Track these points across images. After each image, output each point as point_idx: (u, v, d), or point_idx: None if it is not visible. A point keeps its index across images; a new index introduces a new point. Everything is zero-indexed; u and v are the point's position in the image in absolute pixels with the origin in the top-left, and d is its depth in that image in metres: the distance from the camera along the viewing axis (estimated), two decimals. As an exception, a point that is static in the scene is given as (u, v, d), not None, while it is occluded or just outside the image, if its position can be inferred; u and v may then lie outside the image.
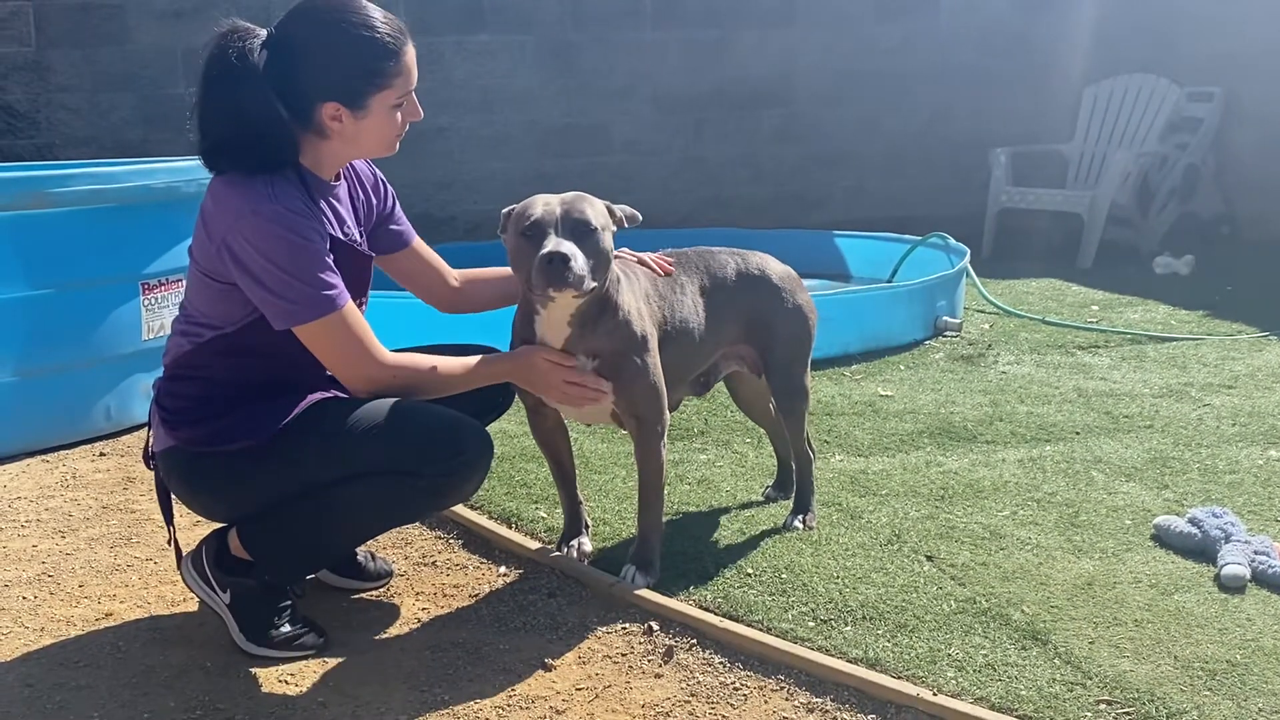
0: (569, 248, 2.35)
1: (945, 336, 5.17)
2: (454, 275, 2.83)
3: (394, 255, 2.73)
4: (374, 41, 2.33)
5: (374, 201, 2.64)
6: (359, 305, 2.45)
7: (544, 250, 2.35)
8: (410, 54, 2.39)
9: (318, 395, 2.42)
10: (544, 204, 2.44)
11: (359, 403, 2.37)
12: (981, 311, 5.70)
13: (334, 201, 2.46)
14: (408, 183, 7.31)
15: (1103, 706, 2.17)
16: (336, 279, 2.32)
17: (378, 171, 2.68)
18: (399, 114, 2.41)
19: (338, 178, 2.49)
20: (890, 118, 8.35)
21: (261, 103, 2.29)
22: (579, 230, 2.40)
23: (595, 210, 2.46)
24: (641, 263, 2.75)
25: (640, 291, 2.64)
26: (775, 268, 2.96)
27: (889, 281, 5.85)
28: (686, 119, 7.97)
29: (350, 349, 2.35)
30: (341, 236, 2.43)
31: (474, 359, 2.53)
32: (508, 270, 2.65)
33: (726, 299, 2.84)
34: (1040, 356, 4.85)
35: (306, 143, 2.38)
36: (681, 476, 3.38)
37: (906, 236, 6.41)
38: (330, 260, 2.32)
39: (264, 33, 2.33)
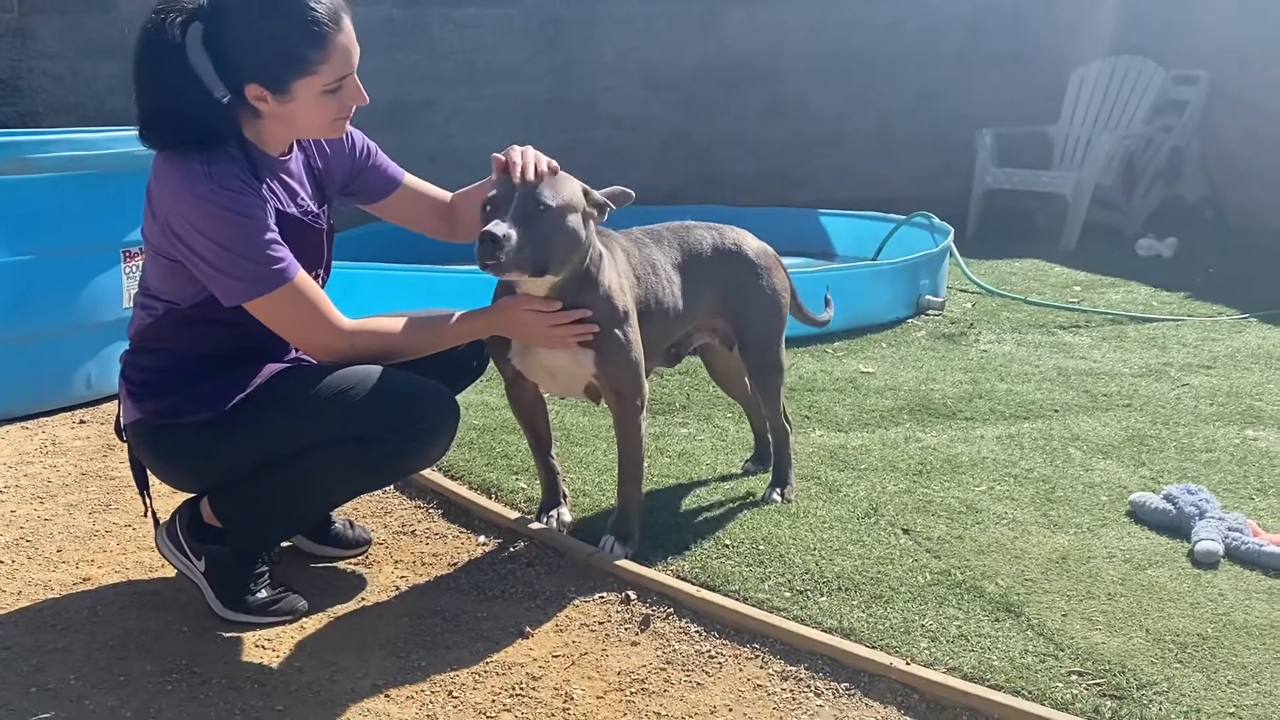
0: (503, 229, 2.30)
1: (928, 315, 5.18)
2: (444, 198, 2.77)
3: (389, 200, 2.69)
4: (300, 26, 2.23)
5: (335, 163, 2.57)
6: (316, 279, 2.43)
7: (483, 228, 2.33)
8: (341, 40, 2.27)
9: (280, 365, 2.41)
10: (507, 182, 2.39)
11: (322, 371, 2.35)
12: (964, 291, 5.71)
13: (284, 176, 2.40)
14: (393, 155, 7.26)
15: (1074, 677, 2.20)
16: (283, 251, 2.28)
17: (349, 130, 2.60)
18: (334, 100, 2.32)
19: (290, 149, 2.44)
20: (878, 97, 8.34)
21: (184, 78, 2.23)
22: (531, 210, 2.35)
23: (557, 190, 2.40)
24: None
25: (621, 267, 2.64)
26: (751, 244, 2.97)
27: (873, 260, 5.86)
28: (674, 95, 7.94)
29: (305, 320, 2.32)
30: (293, 211, 2.39)
31: (446, 314, 2.49)
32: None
33: (702, 274, 2.85)
34: (1021, 336, 4.88)
35: (245, 119, 2.32)
36: (662, 450, 3.39)
37: (892, 215, 6.42)
38: (275, 233, 2.28)
39: (198, 2, 2.26)
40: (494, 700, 2.18)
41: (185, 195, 2.22)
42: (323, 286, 2.47)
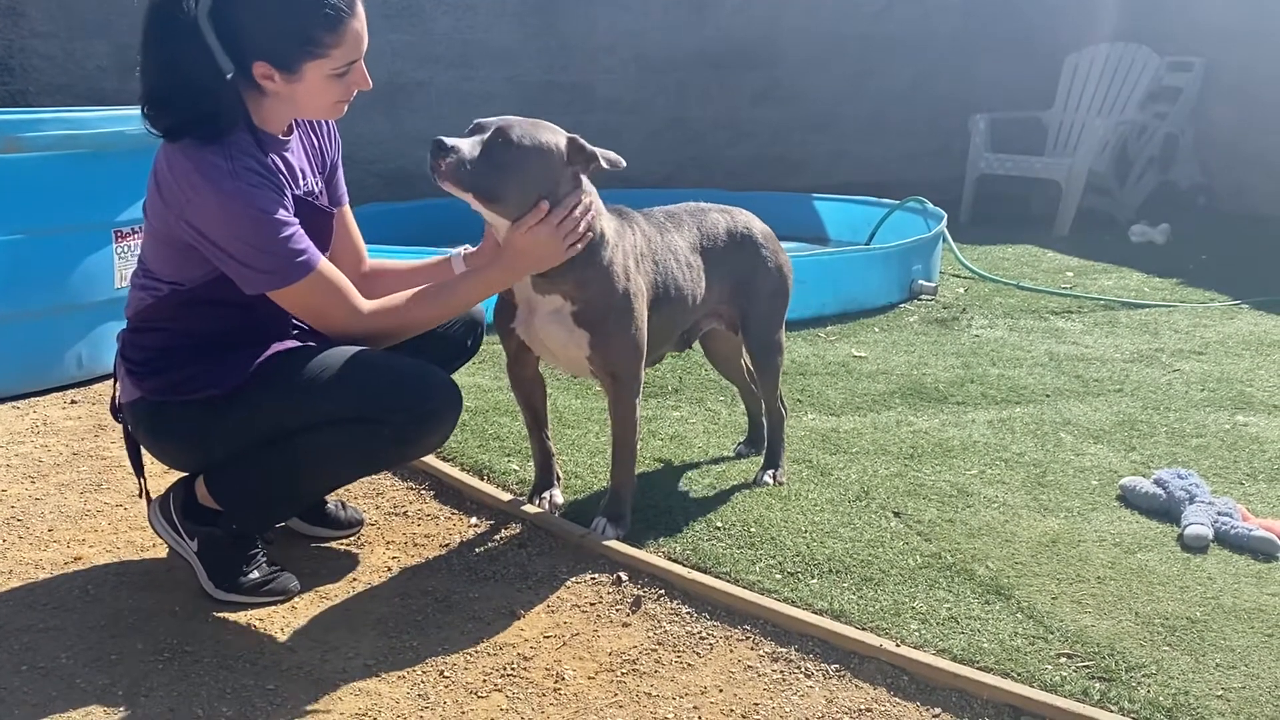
0: (458, 141, 2.32)
1: (920, 300, 5.19)
2: (366, 262, 2.70)
3: None
4: (316, 8, 2.22)
5: (327, 145, 2.56)
6: None
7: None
8: (355, 25, 2.28)
9: (282, 344, 2.40)
10: (499, 117, 2.40)
11: (325, 351, 2.35)
12: (957, 276, 5.72)
13: (287, 155, 2.39)
14: (386, 136, 7.29)
15: (1063, 660, 2.21)
16: (305, 241, 2.28)
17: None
18: (340, 83, 2.32)
19: (289, 130, 2.42)
20: (873, 82, 8.33)
21: (196, 53, 2.21)
22: (496, 141, 2.35)
23: (532, 134, 2.38)
24: None
25: (632, 250, 2.62)
26: (759, 226, 2.98)
27: (866, 245, 5.86)
28: (669, 79, 7.92)
29: (327, 305, 2.33)
30: (299, 193, 2.38)
31: (456, 280, 2.46)
32: (418, 264, 2.64)
33: (717, 258, 2.85)
34: (1013, 321, 4.88)
35: (250, 98, 2.30)
36: (654, 432, 3.39)
37: (885, 200, 6.42)
38: (297, 224, 2.28)
39: None
40: (485, 680, 2.19)
41: (207, 192, 2.20)
42: None
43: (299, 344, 2.42)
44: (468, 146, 2.33)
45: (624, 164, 2.49)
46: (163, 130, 2.26)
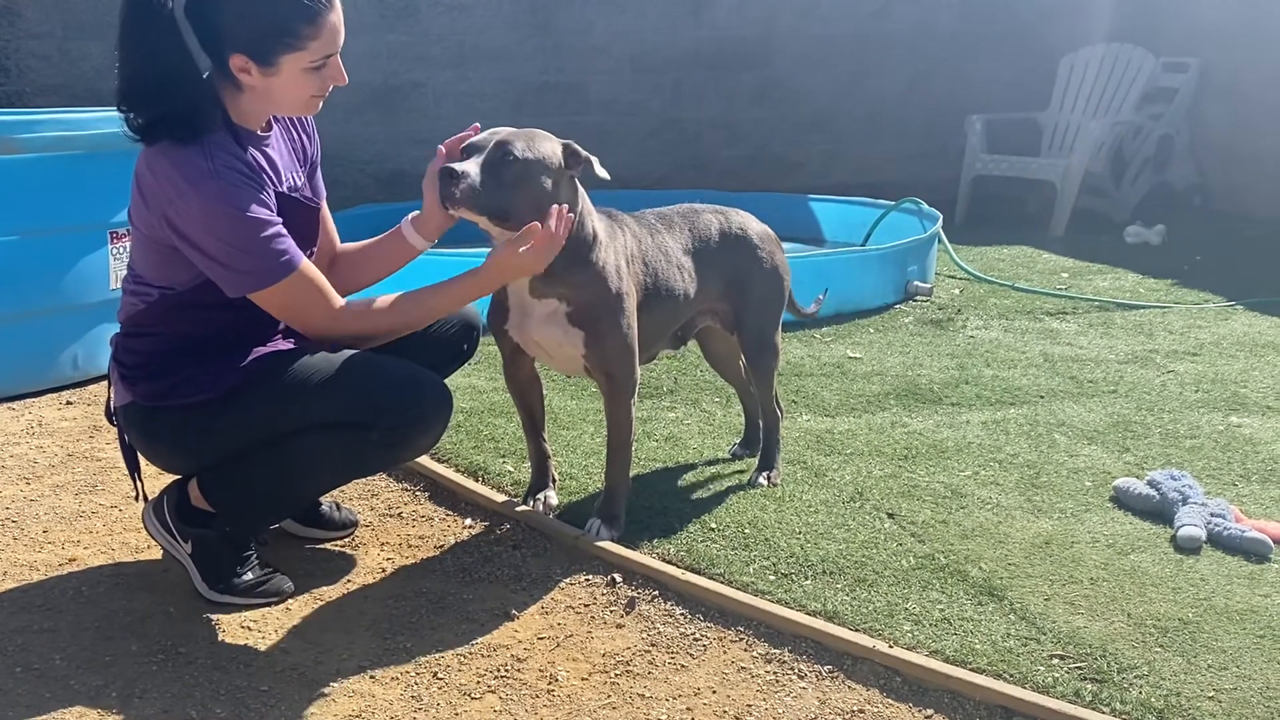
0: (464, 166, 2.35)
1: (916, 301, 5.20)
2: (339, 250, 2.69)
3: None
4: (295, 1, 2.22)
5: (308, 142, 2.56)
6: (308, 255, 2.43)
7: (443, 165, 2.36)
8: (332, 18, 2.27)
9: (274, 347, 2.40)
10: (490, 133, 2.44)
11: (317, 355, 2.35)
12: (952, 277, 5.72)
13: (267, 150, 2.39)
14: (382, 137, 7.29)
15: (1055, 661, 2.21)
16: (287, 241, 2.28)
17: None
18: (316, 77, 2.31)
19: (269, 125, 2.42)
20: (869, 82, 8.33)
21: (173, 47, 2.20)
22: (498, 159, 2.38)
23: (532, 146, 2.42)
24: None
25: (623, 250, 2.64)
26: (755, 227, 2.98)
27: (862, 245, 5.86)
28: (664, 79, 7.92)
29: (307, 305, 2.33)
30: (285, 189, 2.38)
31: (442, 284, 2.46)
32: (373, 240, 2.65)
33: (709, 259, 2.86)
34: (1009, 322, 4.89)
35: (227, 94, 2.30)
36: (649, 433, 3.40)
37: (881, 201, 6.43)
38: (279, 223, 2.28)
39: None
40: (479, 682, 2.19)
41: (188, 193, 2.20)
42: (311, 259, 2.46)
43: (290, 346, 2.43)
44: (474, 169, 2.36)
45: (609, 177, 2.51)
46: (140, 129, 2.25)
